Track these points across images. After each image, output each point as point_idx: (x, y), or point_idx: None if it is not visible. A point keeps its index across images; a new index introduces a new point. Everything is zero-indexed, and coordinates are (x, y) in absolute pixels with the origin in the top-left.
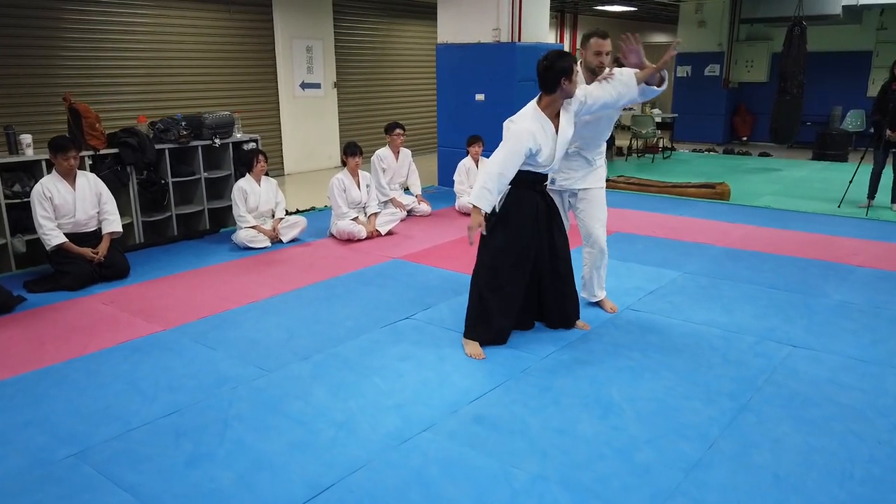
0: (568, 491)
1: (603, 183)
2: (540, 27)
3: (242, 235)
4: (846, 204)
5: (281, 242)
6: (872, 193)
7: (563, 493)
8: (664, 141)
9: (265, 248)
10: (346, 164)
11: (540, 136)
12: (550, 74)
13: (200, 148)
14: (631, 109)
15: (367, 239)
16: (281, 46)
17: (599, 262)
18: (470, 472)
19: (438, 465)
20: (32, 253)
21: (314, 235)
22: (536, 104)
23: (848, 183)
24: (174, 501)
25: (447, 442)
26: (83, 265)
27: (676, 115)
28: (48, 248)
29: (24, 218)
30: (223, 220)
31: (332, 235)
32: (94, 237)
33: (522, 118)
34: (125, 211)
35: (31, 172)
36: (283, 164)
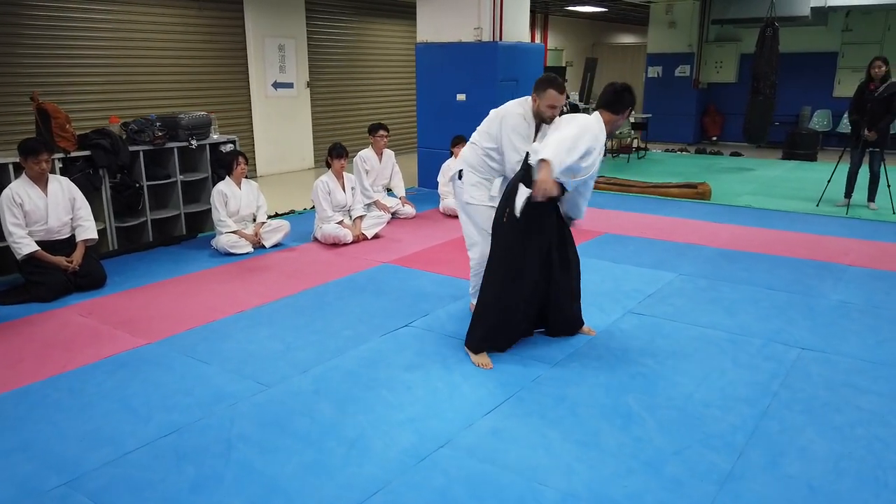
0: None
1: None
2: (520, 26)
3: (223, 241)
4: (824, 203)
5: (263, 248)
6: (849, 192)
7: None
8: (637, 141)
9: (247, 253)
10: (330, 166)
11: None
12: (627, 97)
13: (176, 150)
14: None
15: (353, 243)
16: (252, 45)
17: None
18: (497, 491)
19: (462, 484)
20: (1, 262)
21: (297, 240)
22: (599, 116)
23: (826, 182)
24: None
25: (467, 459)
26: (57, 275)
27: (650, 115)
28: (19, 257)
29: None
30: (200, 224)
31: (316, 240)
32: (67, 245)
33: (588, 121)
34: (98, 216)
35: None
36: (255, 165)
